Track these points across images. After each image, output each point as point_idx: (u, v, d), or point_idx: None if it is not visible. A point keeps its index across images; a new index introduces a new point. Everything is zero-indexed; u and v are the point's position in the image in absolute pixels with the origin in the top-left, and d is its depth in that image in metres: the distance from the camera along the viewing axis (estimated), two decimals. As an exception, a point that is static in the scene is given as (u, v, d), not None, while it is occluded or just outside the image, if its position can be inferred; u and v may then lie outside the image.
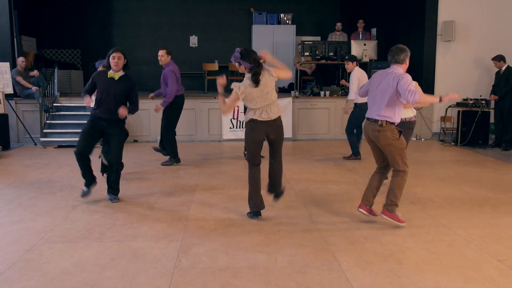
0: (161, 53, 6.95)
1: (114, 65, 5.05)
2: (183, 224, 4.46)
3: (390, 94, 4.11)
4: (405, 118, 5.54)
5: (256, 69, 4.33)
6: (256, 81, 4.33)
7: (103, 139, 5.37)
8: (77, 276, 3.32)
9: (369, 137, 4.35)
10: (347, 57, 7.58)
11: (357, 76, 7.34)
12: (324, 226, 4.41)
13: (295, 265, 3.51)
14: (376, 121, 4.21)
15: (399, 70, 4.22)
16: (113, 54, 5.05)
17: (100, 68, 6.00)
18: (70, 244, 3.94)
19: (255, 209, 4.60)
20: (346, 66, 7.49)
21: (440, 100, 3.99)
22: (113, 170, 5.20)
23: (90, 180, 5.21)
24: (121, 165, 5.31)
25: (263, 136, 4.51)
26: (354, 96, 7.31)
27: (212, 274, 3.36)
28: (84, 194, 5.22)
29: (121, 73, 5.14)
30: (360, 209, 4.51)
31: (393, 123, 4.20)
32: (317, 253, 3.75)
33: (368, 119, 4.35)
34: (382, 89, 4.18)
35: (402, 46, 4.27)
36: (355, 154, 7.61)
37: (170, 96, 6.86)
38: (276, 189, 4.79)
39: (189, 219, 4.63)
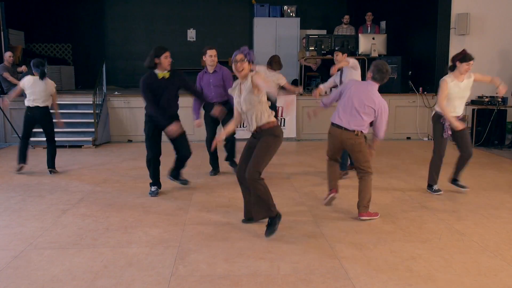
0: (215, 53, 6.43)
1: (168, 65, 5.36)
2: (181, 229, 4.47)
3: (371, 115, 4.67)
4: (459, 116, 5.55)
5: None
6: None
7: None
8: (68, 284, 3.33)
9: (340, 142, 4.80)
10: (337, 48, 7.14)
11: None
12: (330, 231, 4.41)
13: (299, 273, 3.51)
14: (353, 131, 4.68)
15: (376, 89, 4.72)
16: (166, 54, 5.31)
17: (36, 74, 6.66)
18: (60, 250, 3.95)
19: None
20: (335, 58, 6.75)
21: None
22: (185, 160, 5.87)
23: (159, 180, 5.81)
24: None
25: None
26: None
27: (211, 282, 3.37)
28: (155, 194, 5.70)
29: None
30: (334, 194, 4.96)
31: (363, 133, 4.77)
32: (322, 260, 3.75)
33: (340, 127, 4.74)
34: (363, 106, 4.64)
35: (387, 68, 4.72)
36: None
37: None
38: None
39: (187, 224, 4.64)
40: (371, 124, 4.78)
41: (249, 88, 4.10)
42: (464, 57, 5.40)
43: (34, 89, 6.67)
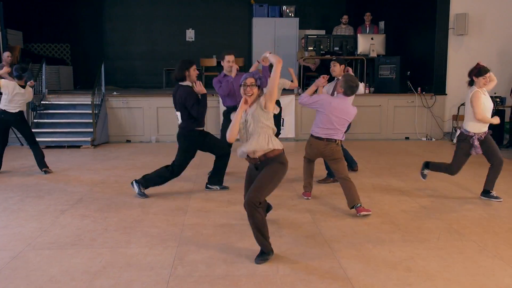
0: (233, 58, 6.36)
1: (195, 77, 5.52)
2: (179, 230, 4.47)
3: (346, 124, 5.16)
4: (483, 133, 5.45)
5: None
6: None
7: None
8: (66, 285, 3.32)
9: (321, 152, 5.20)
10: (334, 58, 6.73)
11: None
12: (329, 231, 4.42)
13: (298, 273, 3.52)
14: (335, 141, 5.12)
15: (350, 102, 5.20)
16: (193, 67, 5.47)
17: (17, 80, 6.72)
18: (59, 251, 3.95)
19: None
20: (332, 68, 6.42)
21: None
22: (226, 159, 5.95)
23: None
24: None
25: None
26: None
27: (209, 282, 3.37)
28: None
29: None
30: (309, 197, 5.51)
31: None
32: (321, 260, 3.75)
33: (329, 140, 5.11)
34: (342, 120, 5.07)
35: (357, 82, 5.16)
36: (353, 165, 7.10)
37: None
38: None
39: (186, 224, 4.64)
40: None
41: (258, 107, 3.78)
42: (479, 71, 5.30)
43: (12, 94, 6.68)
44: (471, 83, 5.39)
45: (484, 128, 5.38)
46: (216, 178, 5.99)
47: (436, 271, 3.55)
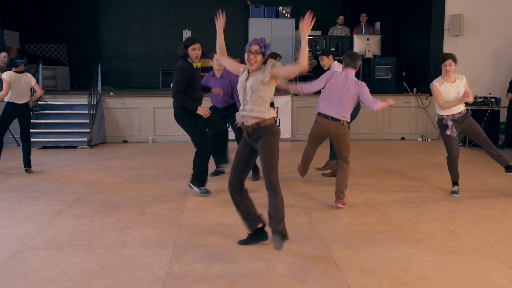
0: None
1: (196, 57, 5.47)
2: (176, 230, 4.46)
3: (354, 99, 5.16)
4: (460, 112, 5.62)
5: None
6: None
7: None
8: (63, 285, 3.32)
9: (327, 132, 5.25)
10: (319, 52, 6.85)
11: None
12: (325, 231, 4.42)
13: (294, 273, 3.52)
14: (339, 120, 5.14)
15: (353, 74, 5.21)
16: (194, 46, 5.40)
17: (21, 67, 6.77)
18: (55, 251, 3.94)
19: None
20: (321, 62, 6.55)
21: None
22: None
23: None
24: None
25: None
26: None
27: (206, 282, 3.36)
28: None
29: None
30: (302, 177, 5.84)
31: (348, 122, 5.28)
32: (317, 260, 3.76)
33: (327, 116, 5.17)
34: (346, 92, 5.12)
35: (356, 53, 5.31)
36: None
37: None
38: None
39: (182, 224, 4.64)
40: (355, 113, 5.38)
41: (260, 78, 3.75)
42: (442, 58, 5.61)
43: (16, 84, 6.73)
44: (441, 72, 5.70)
45: (457, 109, 5.59)
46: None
47: (431, 271, 3.56)
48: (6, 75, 6.69)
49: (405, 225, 4.60)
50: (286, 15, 13.34)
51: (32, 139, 9.00)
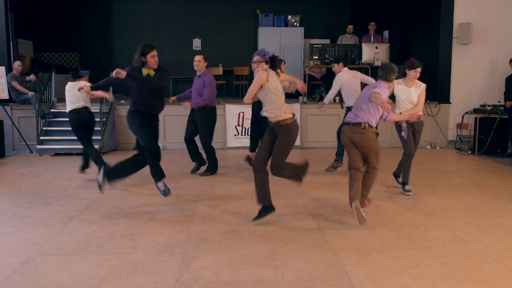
0: (199, 58, 6.93)
1: (154, 63, 5.36)
2: (185, 236, 4.47)
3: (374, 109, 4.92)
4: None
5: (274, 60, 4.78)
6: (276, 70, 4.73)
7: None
8: (74, 291, 3.33)
9: (355, 141, 4.90)
10: (328, 61, 7.51)
11: (341, 80, 7.00)
12: (334, 238, 4.41)
13: (303, 280, 3.51)
14: (360, 124, 4.85)
15: (382, 85, 4.98)
16: (152, 53, 5.31)
17: (85, 79, 6.77)
18: (67, 257, 3.96)
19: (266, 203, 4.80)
20: (333, 69, 7.26)
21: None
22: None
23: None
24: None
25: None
26: (329, 100, 7.19)
27: (215, 289, 3.36)
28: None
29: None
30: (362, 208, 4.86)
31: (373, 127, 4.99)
32: (326, 267, 3.74)
33: (348, 123, 4.98)
34: (363, 96, 5.00)
35: (390, 64, 5.07)
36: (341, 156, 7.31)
37: (206, 99, 6.81)
38: None
39: (192, 231, 4.64)
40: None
41: (275, 79, 4.63)
42: (412, 64, 5.76)
43: (70, 93, 6.76)
44: (404, 75, 5.87)
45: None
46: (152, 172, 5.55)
47: (441, 279, 3.53)
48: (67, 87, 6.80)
49: (414, 233, 4.57)
50: (295, 23, 13.37)
51: (44, 146, 9.16)
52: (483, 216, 5.14)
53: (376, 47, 10.85)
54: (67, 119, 6.90)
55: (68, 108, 6.75)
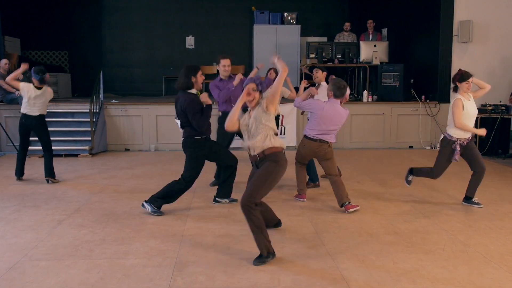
0: (228, 62, 6.43)
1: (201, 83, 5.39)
2: (178, 240, 4.46)
3: (339, 125, 5.55)
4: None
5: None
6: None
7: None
8: (63, 297, 3.32)
9: (314, 152, 5.61)
10: (318, 66, 7.12)
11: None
12: (331, 242, 4.41)
13: (300, 285, 3.50)
14: (327, 142, 5.52)
15: (339, 104, 5.46)
16: (200, 72, 5.35)
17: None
18: (55, 262, 3.94)
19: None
20: (315, 75, 6.91)
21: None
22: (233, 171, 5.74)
23: None
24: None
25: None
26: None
27: (209, 294, 3.35)
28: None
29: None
30: (303, 199, 5.84)
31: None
32: (323, 272, 3.74)
33: (322, 141, 5.51)
34: (338, 122, 5.48)
35: (344, 83, 5.46)
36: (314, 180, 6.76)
37: None
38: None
39: (185, 234, 4.63)
40: None
41: (260, 109, 4.03)
42: (462, 76, 5.49)
43: (30, 97, 6.69)
44: (455, 89, 5.60)
45: (468, 135, 5.50)
46: (224, 190, 5.73)
47: (441, 284, 3.53)
48: (23, 85, 6.77)
49: (414, 236, 4.58)
50: (291, 21, 13.37)
51: (32, 147, 9.08)
52: (484, 219, 5.15)
53: (375, 45, 10.87)
54: (56, 119, 6.89)
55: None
